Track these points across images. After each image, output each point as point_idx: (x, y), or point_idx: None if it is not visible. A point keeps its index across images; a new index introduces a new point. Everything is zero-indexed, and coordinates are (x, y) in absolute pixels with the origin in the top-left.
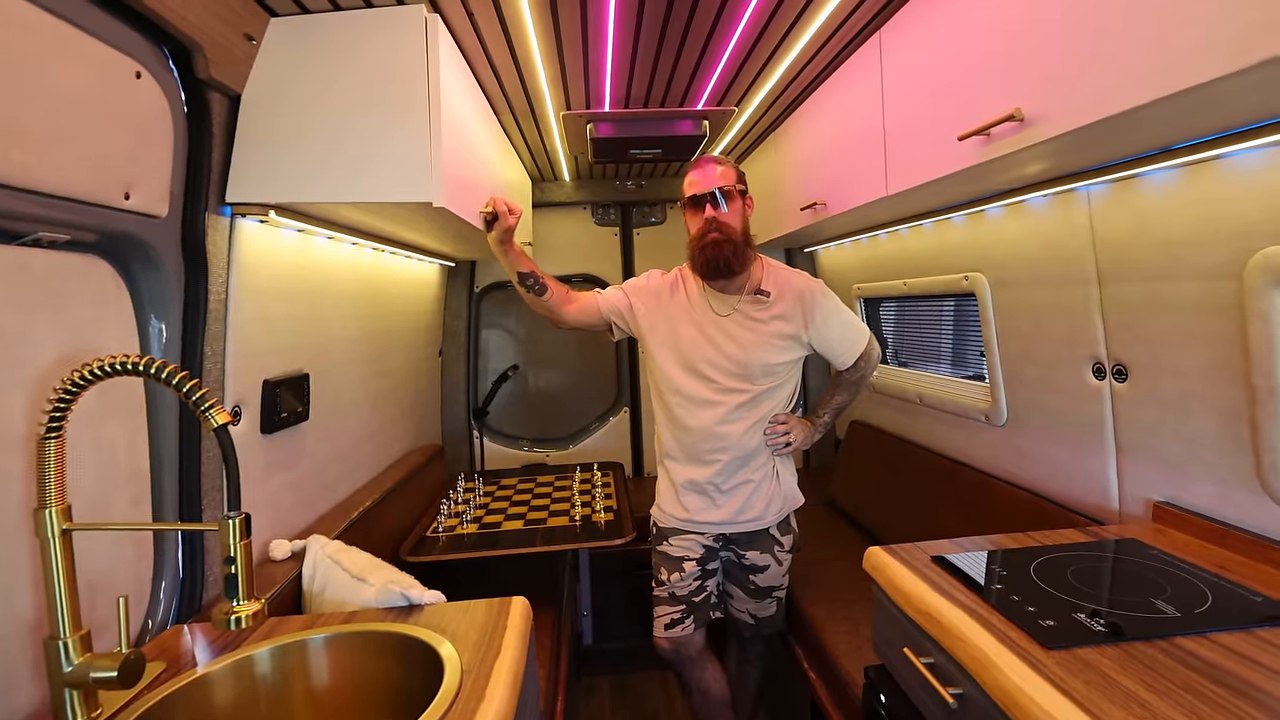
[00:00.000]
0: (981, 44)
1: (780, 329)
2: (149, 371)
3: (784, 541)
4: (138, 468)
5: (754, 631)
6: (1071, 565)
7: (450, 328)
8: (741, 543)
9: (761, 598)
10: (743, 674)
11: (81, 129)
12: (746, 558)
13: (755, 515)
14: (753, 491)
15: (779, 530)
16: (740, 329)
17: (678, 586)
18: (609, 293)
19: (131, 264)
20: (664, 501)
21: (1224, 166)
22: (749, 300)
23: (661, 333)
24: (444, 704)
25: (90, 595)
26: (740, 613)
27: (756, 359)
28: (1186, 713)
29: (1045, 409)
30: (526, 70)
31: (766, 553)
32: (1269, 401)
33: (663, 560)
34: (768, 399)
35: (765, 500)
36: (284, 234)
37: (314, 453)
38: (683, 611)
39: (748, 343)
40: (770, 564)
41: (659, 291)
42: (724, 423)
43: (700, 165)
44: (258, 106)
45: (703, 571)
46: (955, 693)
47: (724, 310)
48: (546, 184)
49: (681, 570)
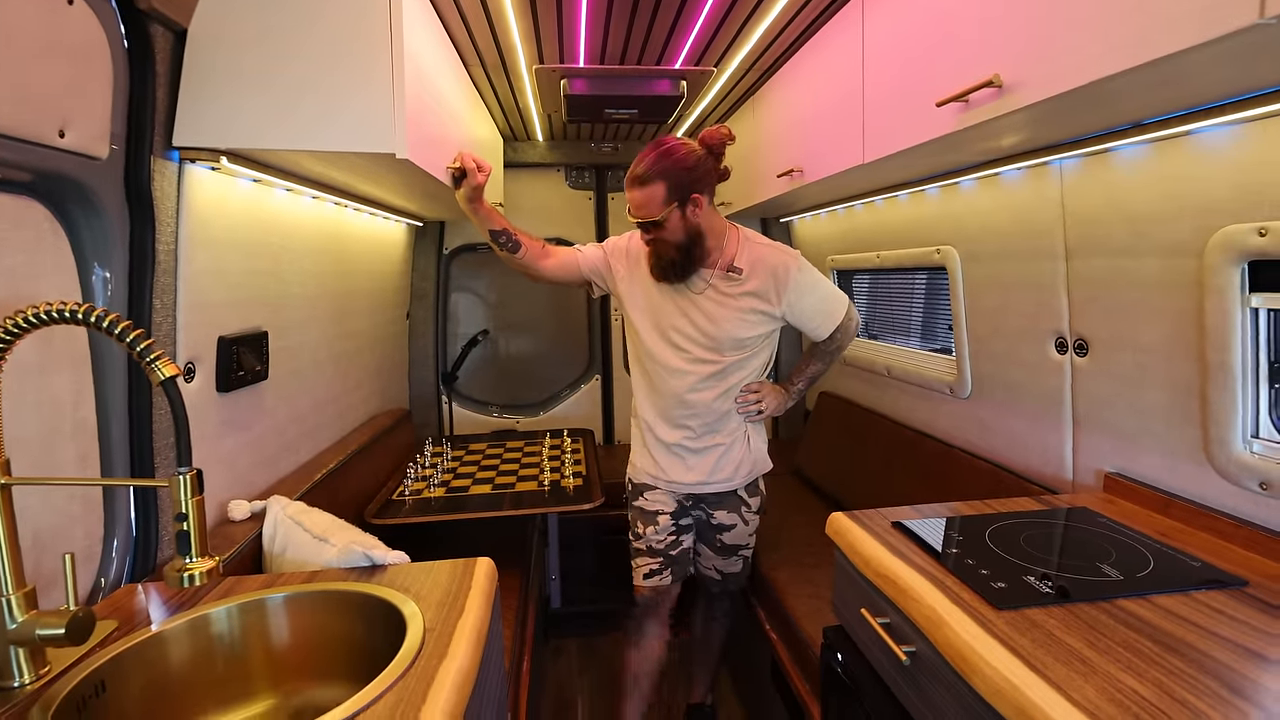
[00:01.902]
0: (962, 9)
1: (752, 305)
2: (88, 320)
3: (751, 503)
4: (84, 423)
5: (720, 587)
6: (1025, 532)
7: (418, 290)
8: (710, 503)
9: (728, 555)
10: (708, 631)
11: (7, 58)
12: (715, 517)
13: (724, 477)
14: (722, 455)
15: (746, 492)
16: (712, 304)
17: (654, 540)
18: (589, 250)
19: (70, 208)
20: (637, 459)
21: (1192, 143)
22: (721, 276)
23: (638, 299)
24: (406, 660)
25: (37, 552)
26: (708, 569)
27: (726, 333)
28: (1124, 668)
29: (1008, 382)
30: (498, 20)
31: (734, 512)
32: (1220, 376)
33: (638, 515)
34: (738, 370)
35: (734, 464)
36: (239, 184)
37: (273, 412)
38: (660, 564)
39: (719, 318)
40: (737, 523)
41: (638, 257)
42: (693, 391)
43: (630, 183)
44: (206, 44)
45: (677, 526)
46: (909, 650)
47: (697, 287)
48: (519, 144)
49: (656, 524)
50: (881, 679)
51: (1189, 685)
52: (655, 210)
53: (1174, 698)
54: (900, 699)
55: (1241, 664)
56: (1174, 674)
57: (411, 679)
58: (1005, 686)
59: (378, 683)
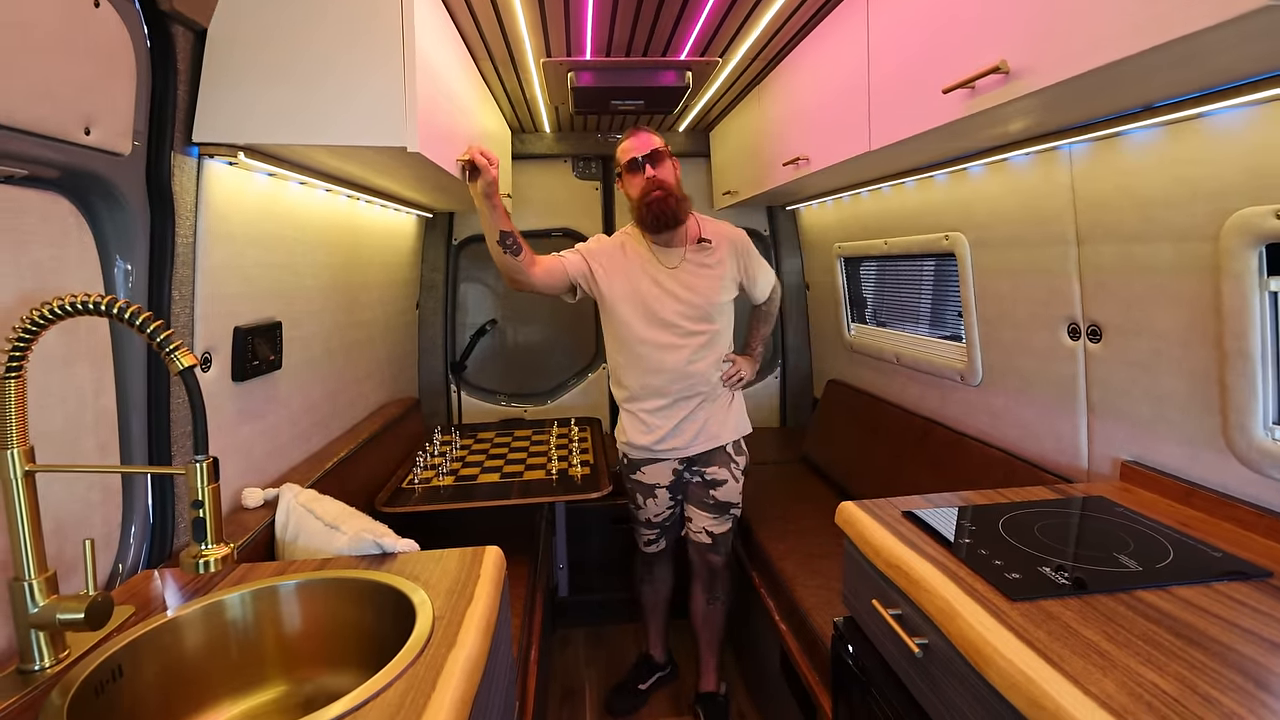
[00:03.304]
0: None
1: (726, 271)
2: (111, 311)
3: (738, 460)
4: (105, 412)
5: (712, 550)
6: (1039, 521)
7: (428, 280)
8: (702, 461)
9: (720, 513)
10: (710, 613)
11: (37, 59)
12: (708, 473)
13: (713, 435)
14: (709, 418)
15: (733, 449)
16: (693, 276)
17: (653, 512)
18: (570, 256)
19: (94, 203)
20: (632, 435)
21: (1204, 126)
22: (694, 249)
23: (622, 289)
24: (415, 648)
25: (59, 539)
26: (698, 533)
27: (713, 300)
28: (1143, 661)
29: (1020, 369)
30: (506, 15)
31: (724, 467)
32: (1239, 362)
33: (637, 487)
34: (720, 339)
35: (720, 423)
36: (255, 178)
37: (287, 402)
38: (657, 534)
39: (703, 287)
40: (728, 479)
41: (611, 252)
42: (691, 363)
43: (632, 134)
44: (225, 43)
45: (673, 500)
46: (921, 643)
47: (672, 262)
48: (526, 135)
49: (655, 497)
50: (893, 671)
51: (1212, 679)
52: (658, 142)
53: (1197, 692)
54: (912, 691)
55: (1266, 657)
56: (1196, 668)
57: (421, 667)
58: (1020, 679)
59: (387, 670)
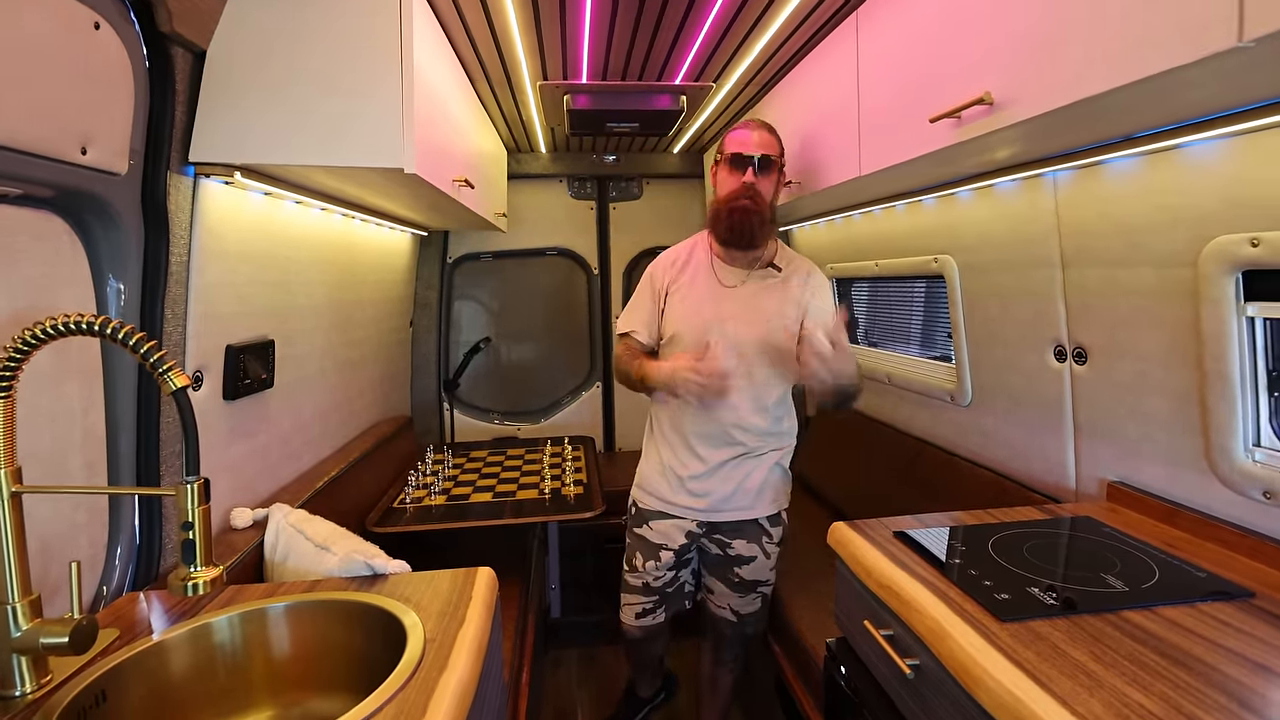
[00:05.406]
0: (954, 27)
1: (792, 296)
2: (104, 332)
3: (773, 533)
4: (93, 432)
5: (735, 630)
6: (1028, 542)
7: (422, 298)
8: (727, 531)
9: (746, 592)
10: (716, 676)
11: (36, 80)
12: (733, 547)
13: (746, 504)
14: (745, 477)
15: (769, 521)
16: (754, 295)
17: (651, 576)
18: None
19: (89, 222)
20: (648, 482)
21: (1181, 156)
22: (759, 275)
23: (686, 320)
24: (406, 672)
25: (43, 560)
26: (721, 609)
27: (777, 323)
28: (1130, 681)
29: (1008, 390)
30: (503, 38)
31: (754, 543)
32: (1219, 385)
33: (639, 544)
34: (776, 382)
35: (758, 488)
36: (250, 197)
37: (278, 421)
38: (655, 602)
39: (767, 309)
40: (758, 555)
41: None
42: (750, 409)
43: (748, 125)
44: (223, 64)
45: (678, 562)
46: (912, 664)
47: (731, 281)
48: (522, 155)
49: (658, 559)
50: (885, 692)
51: (1196, 699)
52: (774, 149)
53: (1181, 712)
54: (904, 712)
55: (1249, 677)
56: (1181, 688)
57: (412, 691)
58: (1009, 700)
59: (378, 694)
